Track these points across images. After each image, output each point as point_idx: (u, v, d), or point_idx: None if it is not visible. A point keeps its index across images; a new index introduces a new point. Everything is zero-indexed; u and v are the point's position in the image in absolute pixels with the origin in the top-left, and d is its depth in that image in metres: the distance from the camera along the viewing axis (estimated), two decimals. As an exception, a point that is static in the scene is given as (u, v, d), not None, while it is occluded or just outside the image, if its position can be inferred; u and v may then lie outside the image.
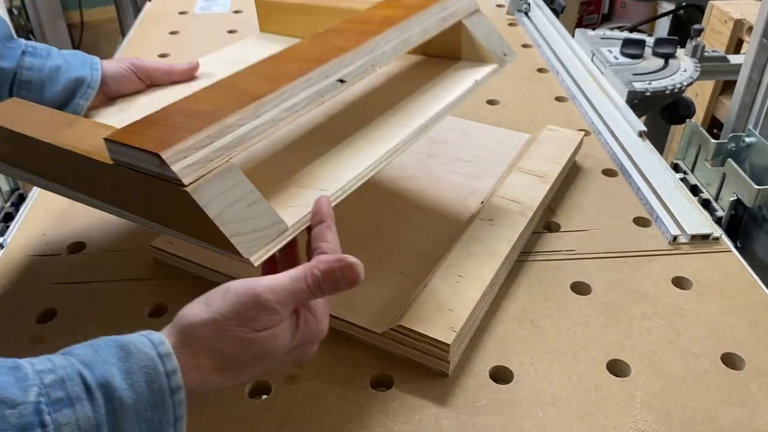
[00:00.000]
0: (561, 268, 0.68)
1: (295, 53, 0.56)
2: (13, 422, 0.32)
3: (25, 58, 0.64)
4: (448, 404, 0.54)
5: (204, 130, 0.45)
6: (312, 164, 0.54)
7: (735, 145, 0.80)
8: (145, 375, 0.36)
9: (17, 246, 0.72)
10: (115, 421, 0.35)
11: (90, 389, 0.34)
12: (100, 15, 2.95)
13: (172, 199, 0.44)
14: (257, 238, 0.44)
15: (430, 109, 0.60)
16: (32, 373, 0.34)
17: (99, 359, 0.36)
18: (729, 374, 0.57)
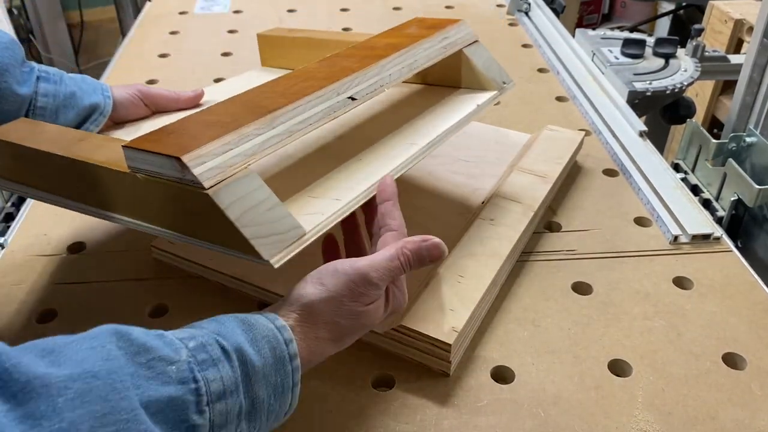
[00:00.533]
0: (562, 268, 0.68)
1: (306, 73, 0.58)
2: (174, 376, 0.36)
3: (40, 84, 0.65)
4: (450, 404, 0.54)
5: (222, 138, 0.46)
6: (324, 177, 0.55)
7: (736, 145, 0.80)
8: (267, 343, 0.41)
9: (18, 246, 0.72)
10: (248, 382, 0.39)
11: (227, 353, 0.39)
12: (100, 15, 2.95)
13: (192, 204, 0.45)
14: (277, 242, 0.46)
15: (437, 129, 0.62)
16: (176, 340, 0.38)
17: (227, 330, 0.40)
18: (730, 374, 0.57)
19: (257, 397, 0.40)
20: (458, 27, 0.70)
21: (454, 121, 0.63)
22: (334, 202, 0.51)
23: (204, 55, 1.12)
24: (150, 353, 0.36)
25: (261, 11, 1.29)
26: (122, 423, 0.33)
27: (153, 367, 0.36)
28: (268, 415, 0.41)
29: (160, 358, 0.36)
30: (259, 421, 0.40)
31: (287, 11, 1.29)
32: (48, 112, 0.65)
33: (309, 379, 0.56)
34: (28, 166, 0.58)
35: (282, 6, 1.31)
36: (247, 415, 0.39)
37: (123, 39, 1.30)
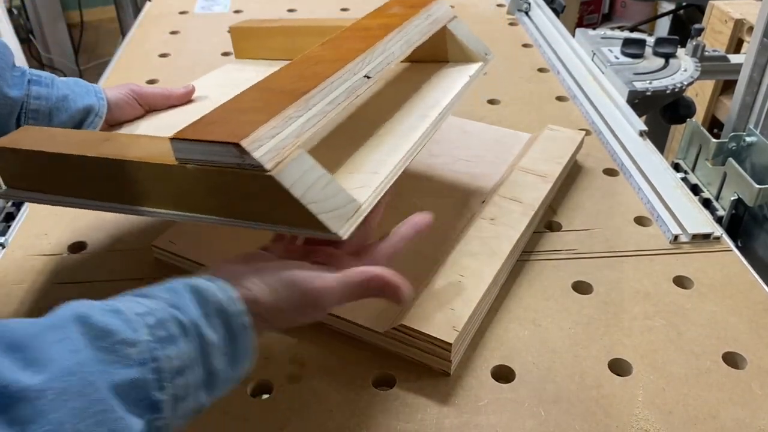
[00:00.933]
0: (562, 268, 0.68)
1: (313, 58, 0.59)
2: (135, 358, 0.36)
3: (32, 87, 0.65)
4: (450, 403, 0.54)
5: (269, 122, 0.47)
6: (353, 155, 0.57)
7: (736, 144, 0.80)
8: (220, 316, 0.42)
9: (18, 246, 0.72)
10: (205, 356, 0.40)
11: (185, 328, 0.40)
12: (100, 15, 2.95)
13: (250, 188, 0.46)
14: (339, 215, 0.47)
15: (443, 100, 0.64)
16: (134, 316, 0.38)
17: (183, 303, 0.41)
18: (730, 373, 0.57)
19: (214, 370, 0.41)
20: (438, 4, 0.72)
21: (455, 91, 0.65)
22: (374, 176, 0.53)
23: (204, 55, 1.12)
24: (111, 337, 0.36)
25: (261, 11, 1.29)
26: (100, 414, 0.34)
27: (115, 351, 0.36)
28: (225, 383, 0.43)
29: (122, 341, 0.36)
30: (217, 389, 0.42)
31: (287, 11, 1.29)
32: (41, 115, 0.65)
33: (309, 379, 0.57)
34: (45, 173, 0.57)
35: (282, 6, 1.31)
36: (206, 385, 0.41)
37: (123, 39, 1.30)
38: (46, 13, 2.66)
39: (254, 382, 0.56)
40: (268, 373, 0.57)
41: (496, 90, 1.01)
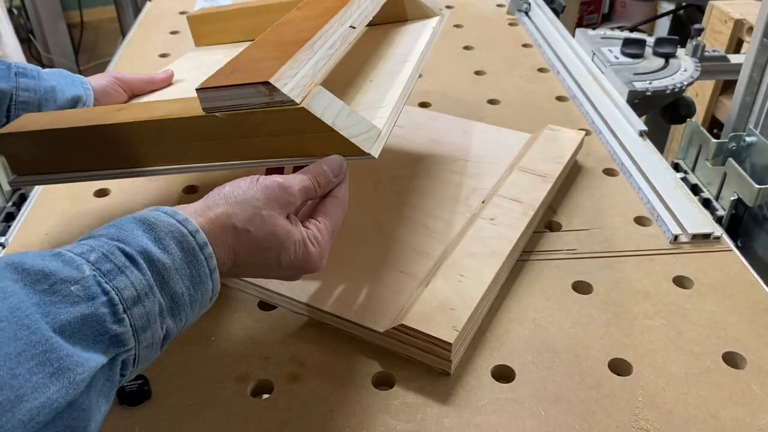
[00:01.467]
0: (562, 268, 0.68)
1: (299, 17, 0.62)
2: (81, 294, 0.35)
3: (19, 79, 0.66)
4: (450, 403, 0.54)
5: (287, 64, 0.50)
6: (354, 96, 0.60)
7: (736, 144, 0.80)
8: (173, 239, 0.41)
9: (19, 246, 0.72)
10: (162, 281, 0.39)
11: (132, 258, 0.38)
12: (100, 15, 2.95)
13: (281, 124, 0.49)
14: (366, 139, 0.51)
15: (417, 47, 0.69)
16: (76, 256, 0.37)
17: (127, 234, 0.40)
18: (730, 373, 0.57)
19: (175, 293, 0.40)
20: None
21: (425, 40, 0.71)
22: (382, 108, 0.57)
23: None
24: (50, 278, 0.35)
25: (261, 11, 1.29)
26: (40, 356, 0.32)
27: (57, 291, 0.35)
28: (191, 305, 0.41)
29: (62, 280, 0.35)
30: (183, 313, 0.41)
31: (287, 11, 1.29)
32: (30, 106, 0.66)
33: (309, 379, 0.57)
34: (61, 151, 0.58)
35: (282, 6, 1.31)
36: (170, 310, 0.40)
37: (123, 39, 1.30)
38: (46, 13, 2.66)
39: (254, 382, 0.56)
40: (268, 373, 0.57)
41: (496, 90, 1.01)
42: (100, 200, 0.78)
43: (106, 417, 0.52)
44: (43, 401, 0.32)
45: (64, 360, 0.33)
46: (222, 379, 0.56)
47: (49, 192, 0.80)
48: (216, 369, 0.57)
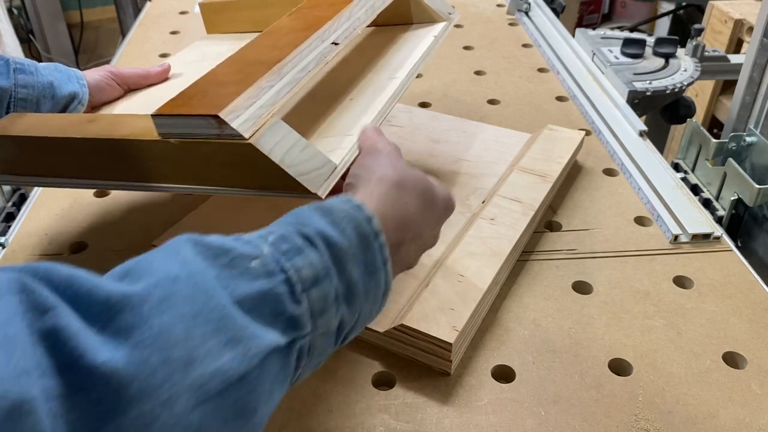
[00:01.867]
0: (562, 268, 0.68)
1: (284, 27, 0.61)
2: (261, 270, 0.35)
3: (18, 75, 0.66)
4: (450, 403, 0.54)
5: (244, 93, 0.49)
6: (328, 118, 0.59)
7: (736, 144, 0.80)
8: (349, 223, 0.40)
9: (19, 246, 0.72)
10: (339, 264, 0.38)
11: (310, 239, 0.38)
12: (100, 15, 2.95)
13: (231, 156, 0.48)
14: (317, 176, 0.50)
15: (409, 61, 0.67)
16: (255, 237, 0.37)
17: (304, 218, 0.39)
18: (730, 373, 0.57)
19: (351, 278, 0.39)
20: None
21: (421, 52, 0.68)
22: (348, 138, 0.55)
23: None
24: (230, 253, 0.35)
25: (261, 11, 1.29)
26: (216, 321, 0.32)
27: (236, 266, 0.34)
28: (366, 296, 0.40)
29: (241, 255, 0.35)
30: (358, 303, 0.40)
31: (287, 11, 1.29)
32: (29, 103, 0.66)
33: (310, 379, 0.56)
34: (40, 156, 0.59)
35: (282, 6, 1.31)
36: (345, 298, 0.39)
37: (123, 39, 1.30)
38: (46, 13, 2.66)
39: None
40: (268, 372, 0.57)
41: (496, 90, 1.01)
42: (100, 200, 0.78)
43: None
44: (215, 368, 0.31)
45: (240, 330, 0.32)
46: (222, 379, 0.56)
47: (49, 192, 0.80)
48: (216, 369, 0.57)
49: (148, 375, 0.29)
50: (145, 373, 0.29)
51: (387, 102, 0.60)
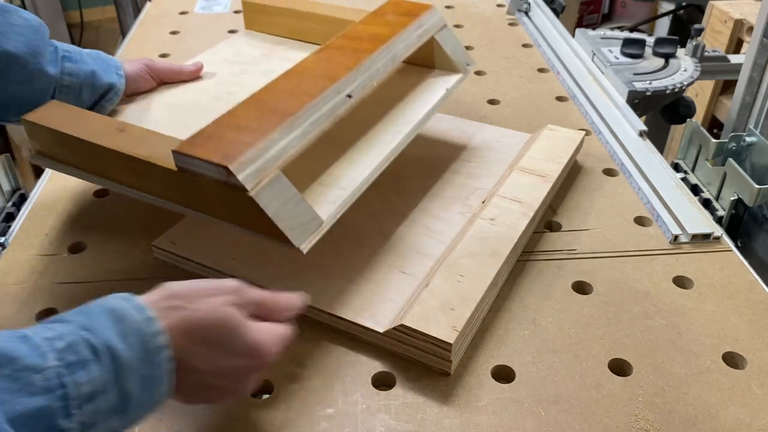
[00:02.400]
0: (562, 268, 0.68)
1: (307, 70, 0.66)
2: (41, 385, 0.35)
3: (65, 63, 0.69)
4: (450, 403, 0.54)
5: (256, 145, 0.54)
6: (330, 166, 0.63)
7: (735, 144, 0.80)
8: (137, 337, 0.40)
9: (18, 246, 0.72)
10: (119, 378, 0.39)
11: (97, 351, 0.38)
12: (100, 15, 2.95)
13: (233, 200, 0.54)
14: (303, 231, 0.55)
15: (415, 116, 0.70)
16: (42, 340, 0.37)
17: (96, 324, 0.39)
18: (730, 373, 0.57)
19: (127, 392, 0.39)
20: (430, 13, 0.77)
21: (429, 107, 0.72)
22: (341, 191, 0.60)
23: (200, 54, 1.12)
24: (15, 363, 0.35)
25: (261, 11, 1.29)
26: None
27: (18, 378, 0.35)
28: (138, 407, 0.41)
29: (25, 367, 0.35)
30: (129, 414, 0.40)
31: (287, 11, 1.29)
32: (72, 90, 0.70)
33: (310, 379, 0.57)
34: (70, 149, 0.63)
35: (282, 6, 1.31)
36: (118, 410, 0.39)
37: (123, 39, 1.30)
38: (46, 13, 2.66)
39: (254, 382, 0.56)
40: (268, 373, 0.57)
41: (496, 90, 1.01)
42: (101, 200, 0.78)
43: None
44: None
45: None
46: (222, 380, 0.56)
47: (49, 192, 0.80)
48: (216, 369, 0.57)
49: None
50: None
51: (384, 159, 0.64)
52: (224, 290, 0.46)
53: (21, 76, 0.65)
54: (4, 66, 0.64)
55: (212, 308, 0.44)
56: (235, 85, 0.80)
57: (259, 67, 0.84)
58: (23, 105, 0.66)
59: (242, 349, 0.45)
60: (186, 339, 0.43)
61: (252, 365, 0.47)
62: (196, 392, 0.46)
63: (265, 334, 0.47)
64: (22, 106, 0.66)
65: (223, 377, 0.46)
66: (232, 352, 0.45)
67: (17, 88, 0.66)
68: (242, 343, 0.45)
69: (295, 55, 0.84)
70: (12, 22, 0.65)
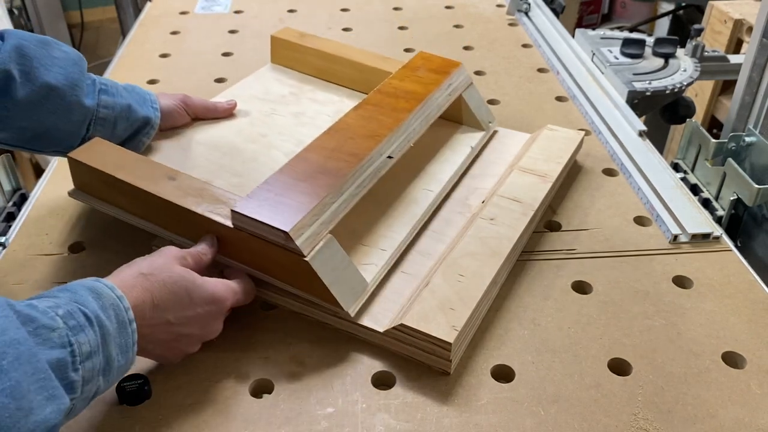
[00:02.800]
0: (562, 268, 0.68)
1: (349, 128, 0.69)
2: (57, 341, 0.42)
3: (101, 96, 0.70)
4: (450, 403, 0.55)
5: (311, 210, 0.57)
6: (370, 226, 0.67)
7: (735, 144, 0.80)
8: (113, 310, 0.48)
9: (19, 245, 0.72)
10: (104, 343, 0.46)
11: (90, 319, 0.45)
12: (101, 15, 2.95)
13: (285, 260, 0.56)
14: (352, 294, 0.58)
15: (445, 175, 0.75)
16: (46, 308, 0.43)
17: (83, 299, 0.46)
18: (730, 373, 0.57)
19: (110, 356, 0.46)
20: (458, 72, 0.82)
21: (456, 166, 0.77)
22: (382, 252, 0.64)
23: (205, 55, 1.12)
24: (35, 322, 0.42)
25: (261, 11, 1.29)
26: (42, 381, 0.40)
27: (40, 334, 0.42)
28: (117, 370, 0.48)
29: (43, 326, 0.42)
30: (111, 375, 0.47)
31: (287, 11, 1.29)
32: (107, 123, 0.71)
33: (309, 379, 0.57)
34: (108, 188, 0.65)
35: (282, 6, 1.31)
36: (104, 371, 0.46)
37: (123, 39, 1.30)
38: (47, 13, 2.66)
39: (254, 382, 0.56)
40: (268, 372, 0.57)
41: (496, 90, 1.01)
42: (101, 200, 0.78)
43: (106, 416, 0.53)
44: (42, 418, 0.39)
45: (56, 389, 0.41)
46: (222, 379, 0.57)
47: (49, 192, 0.80)
48: (216, 369, 0.57)
49: (6, 417, 0.37)
50: (5, 416, 0.37)
51: (419, 219, 0.68)
52: (173, 256, 0.56)
53: (59, 107, 0.67)
54: (43, 97, 0.66)
55: (170, 273, 0.54)
56: (267, 126, 0.81)
57: (289, 107, 0.85)
58: (59, 135, 0.69)
59: (202, 298, 0.55)
60: (156, 302, 0.52)
61: (214, 310, 0.56)
62: (175, 343, 0.55)
63: (218, 284, 0.56)
64: (57, 137, 0.69)
65: (192, 325, 0.55)
66: (193, 302, 0.54)
67: (54, 119, 0.67)
68: (201, 292, 0.54)
69: (322, 96, 0.88)
70: (53, 54, 0.67)
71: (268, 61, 0.95)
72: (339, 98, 0.87)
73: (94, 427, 0.53)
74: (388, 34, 1.20)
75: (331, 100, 0.87)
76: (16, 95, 0.64)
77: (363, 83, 0.87)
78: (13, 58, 0.63)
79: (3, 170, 0.82)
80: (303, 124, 0.81)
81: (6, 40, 0.64)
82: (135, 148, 0.74)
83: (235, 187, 0.68)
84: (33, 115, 0.66)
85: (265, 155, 0.75)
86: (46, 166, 0.89)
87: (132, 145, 0.74)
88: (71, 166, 0.67)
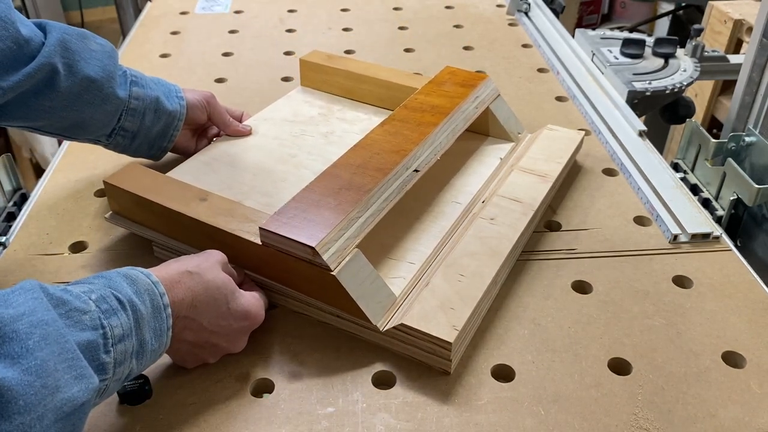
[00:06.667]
0: (562, 267, 0.68)
1: (375, 144, 0.69)
2: (89, 324, 0.44)
3: (132, 87, 0.72)
4: (450, 402, 0.55)
5: (338, 225, 0.57)
6: (398, 239, 0.67)
7: (735, 144, 0.80)
8: (148, 295, 0.49)
9: (19, 245, 0.72)
10: (138, 327, 0.47)
11: (123, 303, 0.47)
12: (101, 15, 2.95)
13: (313, 275, 0.57)
14: (380, 308, 0.58)
15: (474, 188, 0.75)
16: (79, 292, 0.45)
17: (117, 285, 0.48)
18: (730, 372, 0.57)
19: (144, 339, 0.48)
20: (485, 84, 0.82)
21: (485, 178, 0.76)
22: (410, 266, 0.64)
23: (205, 56, 1.12)
24: (67, 305, 0.43)
25: (261, 11, 1.29)
26: (70, 360, 0.41)
27: (71, 316, 0.43)
28: (150, 353, 0.49)
29: (75, 308, 0.43)
30: (144, 358, 0.48)
31: (288, 11, 1.29)
32: (137, 114, 0.73)
33: (311, 378, 0.57)
34: (144, 211, 0.67)
35: (283, 6, 1.31)
36: (137, 354, 0.47)
37: (124, 39, 1.30)
38: (47, 13, 2.66)
39: (254, 382, 0.57)
40: (268, 372, 0.57)
41: (496, 90, 1.01)
42: (101, 200, 0.78)
43: (107, 416, 0.53)
44: (69, 396, 0.40)
45: (84, 369, 0.42)
46: (222, 379, 0.57)
47: (50, 192, 0.80)
48: (216, 368, 0.58)
49: (32, 395, 0.38)
50: (30, 393, 0.38)
51: (447, 232, 0.68)
52: (218, 260, 0.57)
53: (96, 98, 0.69)
54: (83, 89, 0.67)
55: (215, 276, 0.55)
56: (297, 147, 0.81)
57: (318, 128, 0.85)
58: (94, 125, 0.71)
59: (238, 311, 0.56)
60: (195, 303, 0.53)
61: (245, 326, 0.57)
62: (199, 350, 0.56)
63: (253, 299, 0.58)
64: (92, 126, 0.71)
65: (221, 335, 0.56)
66: (230, 312, 0.55)
67: (91, 110, 0.69)
68: (237, 306, 0.56)
69: (351, 115, 0.88)
70: (90, 47, 0.68)
71: (268, 61, 0.96)
72: (367, 116, 0.88)
73: (94, 426, 0.53)
74: (388, 34, 1.20)
75: (359, 119, 0.87)
76: (60, 88, 0.65)
77: (390, 101, 0.87)
78: (57, 52, 0.64)
79: (3, 170, 0.82)
80: (331, 143, 0.81)
81: (50, 33, 0.65)
82: (167, 143, 0.77)
83: (265, 206, 0.68)
84: (73, 106, 0.68)
85: (294, 175, 0.75)
86: (46, 166, 0.89)
87: (164, 141, 0.76)
88: (107, 191, 0.69)
